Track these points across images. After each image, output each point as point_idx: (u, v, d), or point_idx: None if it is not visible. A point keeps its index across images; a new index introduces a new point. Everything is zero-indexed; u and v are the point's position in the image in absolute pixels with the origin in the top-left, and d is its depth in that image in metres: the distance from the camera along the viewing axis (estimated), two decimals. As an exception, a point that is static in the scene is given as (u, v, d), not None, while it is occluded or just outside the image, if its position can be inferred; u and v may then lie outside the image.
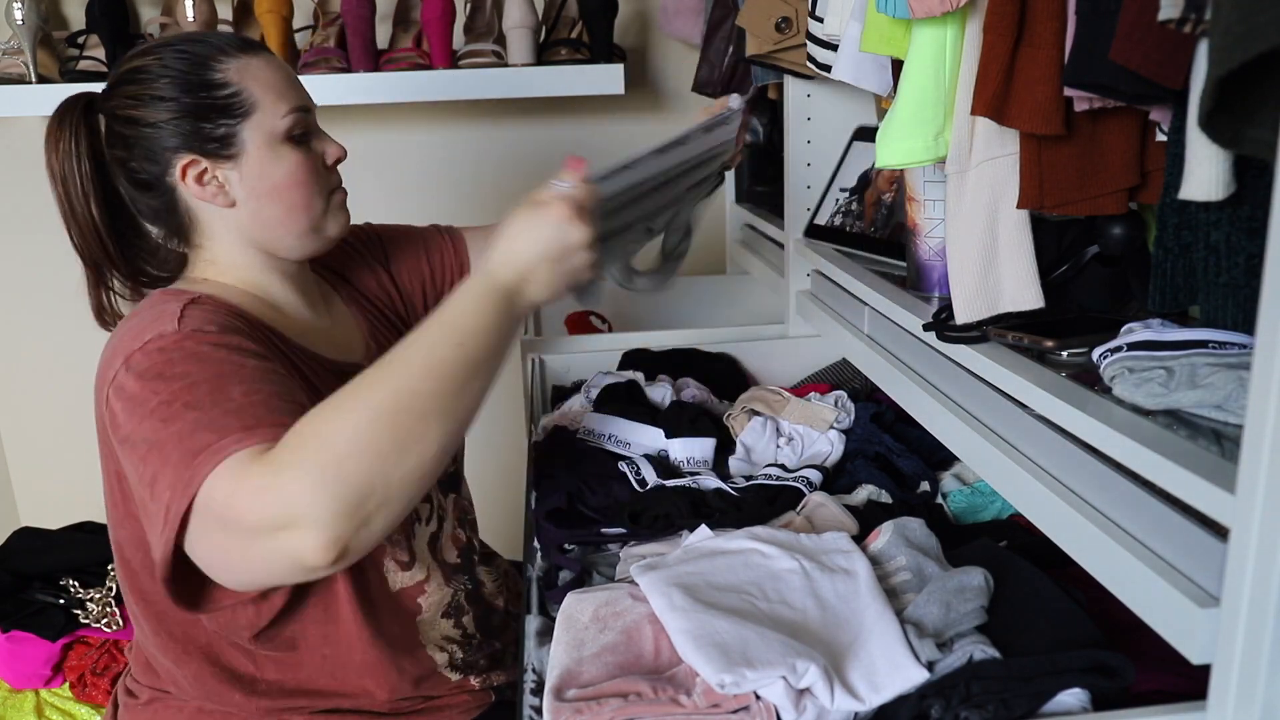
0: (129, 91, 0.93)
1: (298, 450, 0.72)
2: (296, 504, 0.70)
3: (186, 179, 0.93)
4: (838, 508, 0.99)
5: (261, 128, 0.94)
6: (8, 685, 1.51)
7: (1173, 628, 0.60)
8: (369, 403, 0.74)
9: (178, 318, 0.86)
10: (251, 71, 0.94)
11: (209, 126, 0.92)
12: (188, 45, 0.93)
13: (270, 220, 0.96)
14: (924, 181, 0.99)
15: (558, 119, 2.08)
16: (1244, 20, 0.49)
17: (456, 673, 1.06)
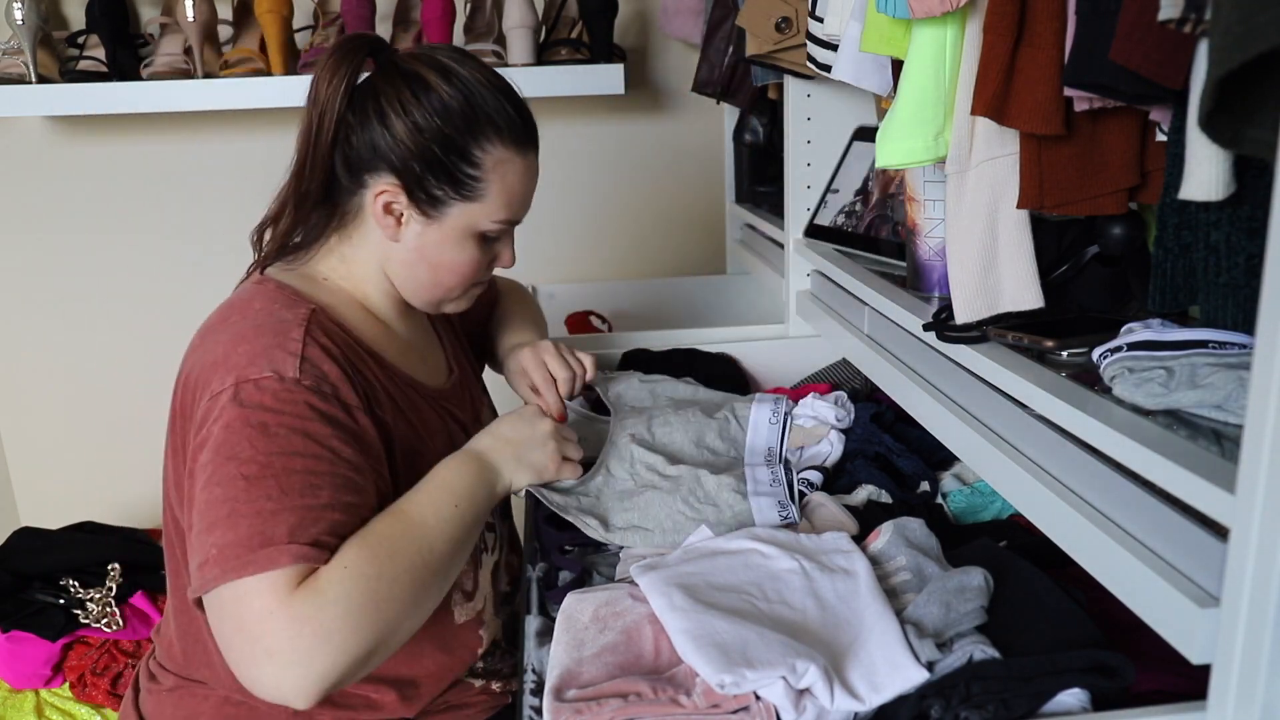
0: (403, 93, 0.91)
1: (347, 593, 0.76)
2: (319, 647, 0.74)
3: (379, 197, 0.93)
4: (838, 508, 0.99)
5: (471, 216, 0.95)
6: (8, 685, 1.51)
7: (1173, 628, 0.60)
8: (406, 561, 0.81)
9: (298, 357, 0.85)
10: (506, 170, 0.94)
11: (432, 182, 0.92)
12: (479, 102, 0.92)
13: (412, 277, 0.98)
14: (924, 181, 0.99)
15: (558, 119, 2.08)
16: (1244, 20, 0.49)
17: (479, 679, 1.07)
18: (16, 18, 1.71)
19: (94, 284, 2.10)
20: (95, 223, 2.05)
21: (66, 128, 2.01)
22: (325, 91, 0.91)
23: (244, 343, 0.85)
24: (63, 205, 2.05)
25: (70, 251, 2.08)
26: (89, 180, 2.03)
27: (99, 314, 2.11)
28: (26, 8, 1.70)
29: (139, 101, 1.78)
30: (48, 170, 2.03)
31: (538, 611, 0.92)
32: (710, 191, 2.14)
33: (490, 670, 1.08)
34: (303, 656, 0.73)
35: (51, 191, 2.04)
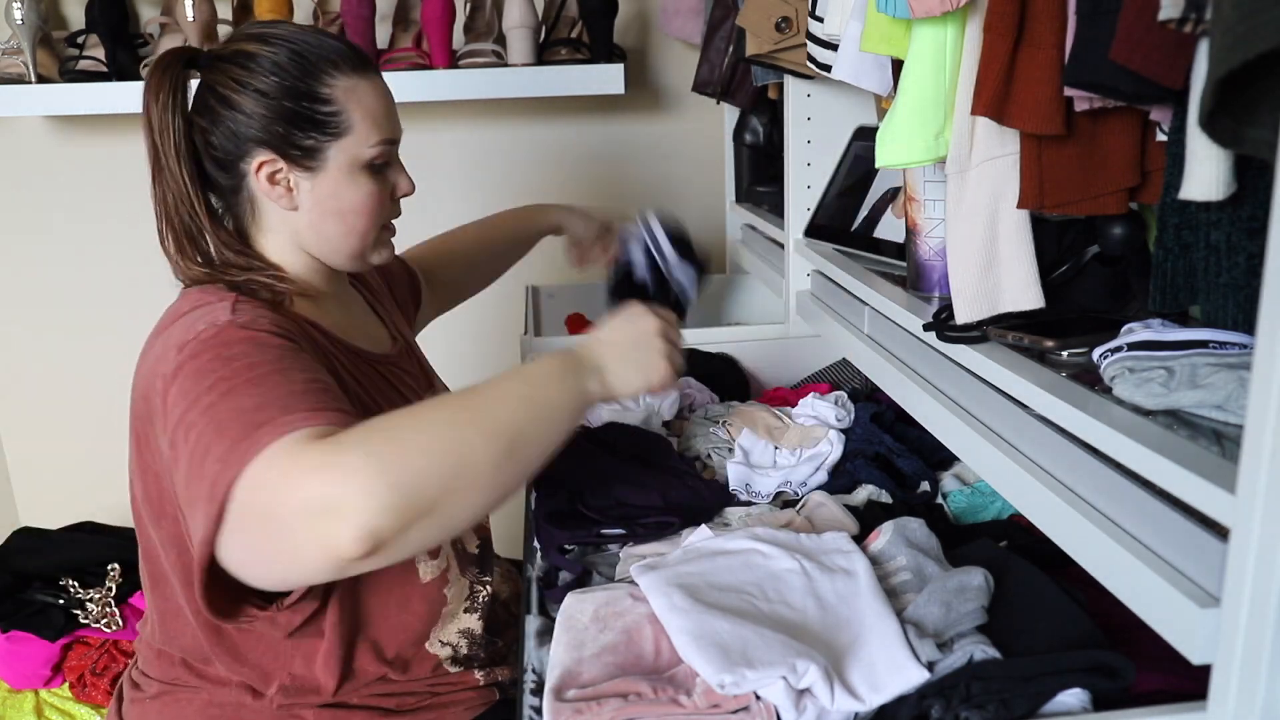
0: (233, 73, 0.93)
1: (365, 438, 0.72)
2: (349, 486, 0.69)
3: (260, 174, 0.95)
4: (838, 508, 0.99)
5: (348, 151, 0.95)
6: (7, 685, 1.51)
7: (1173, 628, 0.60)
8: (438, 413, 0.77)
9: (230, 310, 0.88)
10: (359, 94, 0.95)
11: (299, 135, 0.93)
12: (305, 48, 0.94)
13: (325, 235, 0.98)
14: (924, 181, 0.99)
15: (558, 119, 2.08)
16: (1244, 20, 0.49)
17: (457, 666, 1.07)
18: (16, 18, 1.71)
19: (94, 284, 2.09)
20: (95, 223, 2.05)
21: (66, 128, 2.01)
22: (157, 113, 0.94)
23: (177, 332, 0.87)
24: (62, 205, 2.05)
25: (70, 251, 2.08)
26: (89, 180, 2.03)
27: (99, 314, 2.11)
28: (26, 8, 1.70)
29: (139, 101, 1.76)
30: (47, 170, 2.03)
31: (538, 611, 0.92)
32: (710, 191, 2.14)
33: (469, 657, 1.08)
34: (333, 501, 0.69)
35: (51, 191, 2.04)
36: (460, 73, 1.79)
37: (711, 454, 1.21)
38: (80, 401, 2.13)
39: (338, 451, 0.71)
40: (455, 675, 1.07)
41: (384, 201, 1.00)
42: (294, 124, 0.93)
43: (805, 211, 1.40)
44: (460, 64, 1.81)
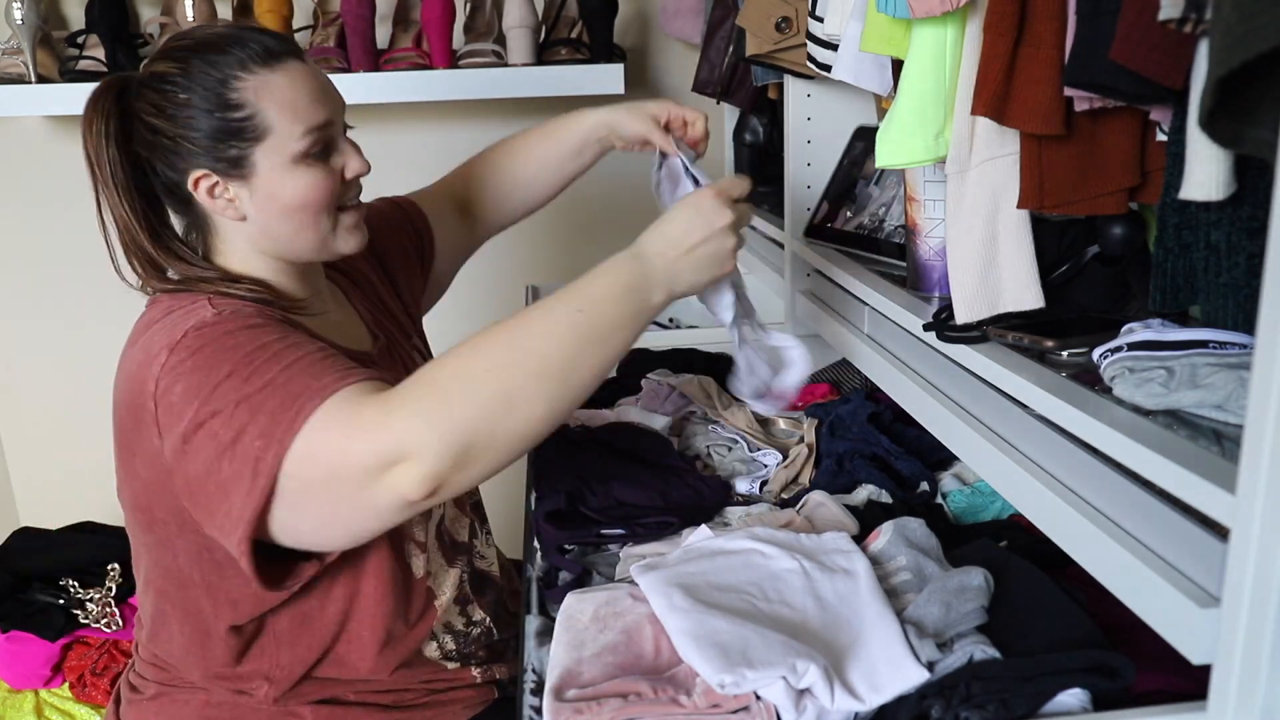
0: (151, 98, 0.93)
1: (410, 390, 0.77)
2: (409, 438, 0.75)
3: (199, 190, 0.93)
4: (838, 508, 0.99)
5: (275, 151, 0.92)
6: (8, 685, 1.51)
7: (1173, 628, 0.60)
8: (483, 355, 0.79)
9: (209, 306, 0.88)
10: (271, 90, 0.91)
11: (222, 147, 0.92)
12: (212, 55, 0.91)
13: (278, 236, 0.96)
14: (924, 181, 0.99)
15: (558, 119, 2.08)
16: (1244, 20, 0.49)
17: (452, 662, 1.07)
18: (16, 17, 1.71)
19: (93, 284, 2.09)
20: (95, 223, 2.05)
21: (66, 128, 2.01)
22: (92, 146, 0.94)
23: (157, 335, 0.87)
24: (62, 205, 2.05)
25: (70, 251, 2.08)
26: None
27: (99, 314, 2.11)
28: (26, 8, 1.70)
29: (139, 101, 1.77)
30: (47, 170, 2.03)
31: (538, 611, 0.92)
32: (710, 191, 2.14)
33: (464, 653, 1.07)
34: (410, 445, 0.75)
35: (51, 191, 2.04)
36: (460, 73, 1.79)
37: (711, 453, 1.21)
38: (80, 402, 2.13)
39: (390, 408, 0.76)
40: (452, 672, 1.07)
41: (330, 188, 0.95)
42: (214, 137, 0.91)
43: (805, 211, 1.40)
44: (460, 64, 1.81)
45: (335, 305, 1.09)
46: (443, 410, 0.76)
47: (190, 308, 0.89)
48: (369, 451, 0.76)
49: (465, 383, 0.77)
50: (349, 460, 0.77)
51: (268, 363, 0.81)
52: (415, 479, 0.75)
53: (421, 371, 0.79)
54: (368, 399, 0.77)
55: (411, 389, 0.78)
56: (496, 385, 0.78)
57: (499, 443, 0.78)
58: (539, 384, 0.79)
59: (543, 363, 0.79)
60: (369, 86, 1.75)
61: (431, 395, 0.77)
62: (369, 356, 1.05)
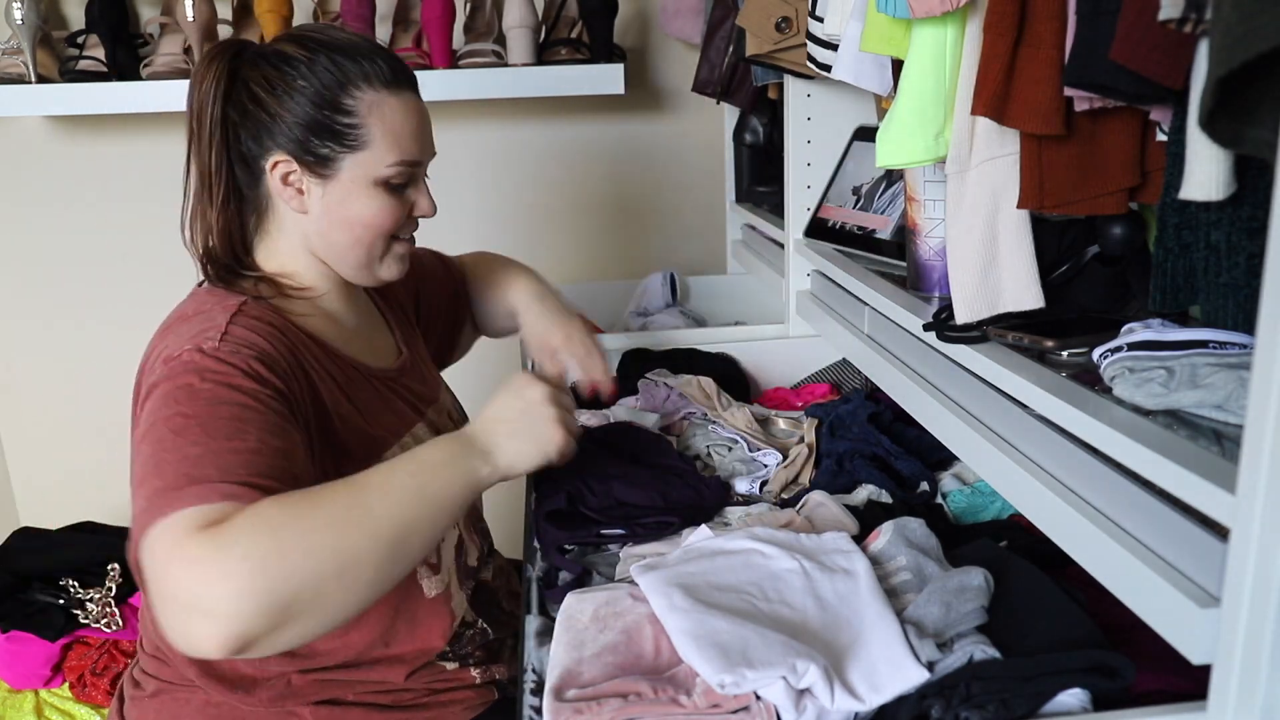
0: (267, 73, 0.94)
1: (250, 533, 0.71)
2: (221, 588, 0.68)
3: (274, 172, 0.95)
4: (838, 508, 0.99)
5: (363, 166, 0.95)
6: (8, 685, 1.51)
7: (1173, 628, 0.60)
8: (328, 514, 0.74)
9: (221, 332, 0.87)
10: (383, 111, 0.95)
11: (315, 142, 0.94)
12: (340, 57, 0.94)
13: (332, 242, 0.99)
14: (924, 181, 0.99)
15: (558, 119, 2.08)
16: (1244, 20, 0.49)
17: (449, 662, 1.07)
18: (16, 17, 1.71)
19: (94, 284, 2.09)
20: (95, 223, 2.05)
21: (66, 128, 2.01)
22: (199, 97, 0.94)
23: (174, 335, 0.89)
24: (62, 205, 2.05)
25: (70, 251, 2.08)
26: (89, 180, 2.03)
27: (99, 314, 2.11)
28: (26, 8, 1.70)
29: (139, 101, 1.78)
30: (47, 170, 2.03)
31: (538, 611, 0.92)
32: (710, 191, 2.14)
33: (462, 654, 1.08)
34: (201, 602, 0.68)
35: (51, 191, 2.04)
36: (460, 73, 1.79)
37: (711, 453, 1.21)
38: (81, 402, 2.13)
39: (218, 548, 0.69)
40: (451, 672, 1.07)
41: (396, 219, 0.99)
42: (312, 130, 0.93)
43: (805, 211, 1.40)
44: (460, 64, 1.81)
45: (366, 316, 1.11)
46: (273, 566, 0.69)
47: (211, 315, 0.90)
48: (173, 585, 0.70)
49: (304, 534, 0.72)
50: (158, 582, 0.71)
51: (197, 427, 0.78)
52: (215, 635, 0.68)
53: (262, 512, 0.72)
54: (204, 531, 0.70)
55: (246, 532, 0.70)
56: (333, 541, 0.73)
57: (323, 604, 0.73)
58: (374, 549, 0.75)
59: (381, 526, 0.76)
60: (369, 86, 1.75)
61: (264, 543, 0.70)
62: (389, 373, 1.06)
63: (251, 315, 0.92)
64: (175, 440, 0.78)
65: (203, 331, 0.87)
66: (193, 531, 0.70)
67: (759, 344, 1.47)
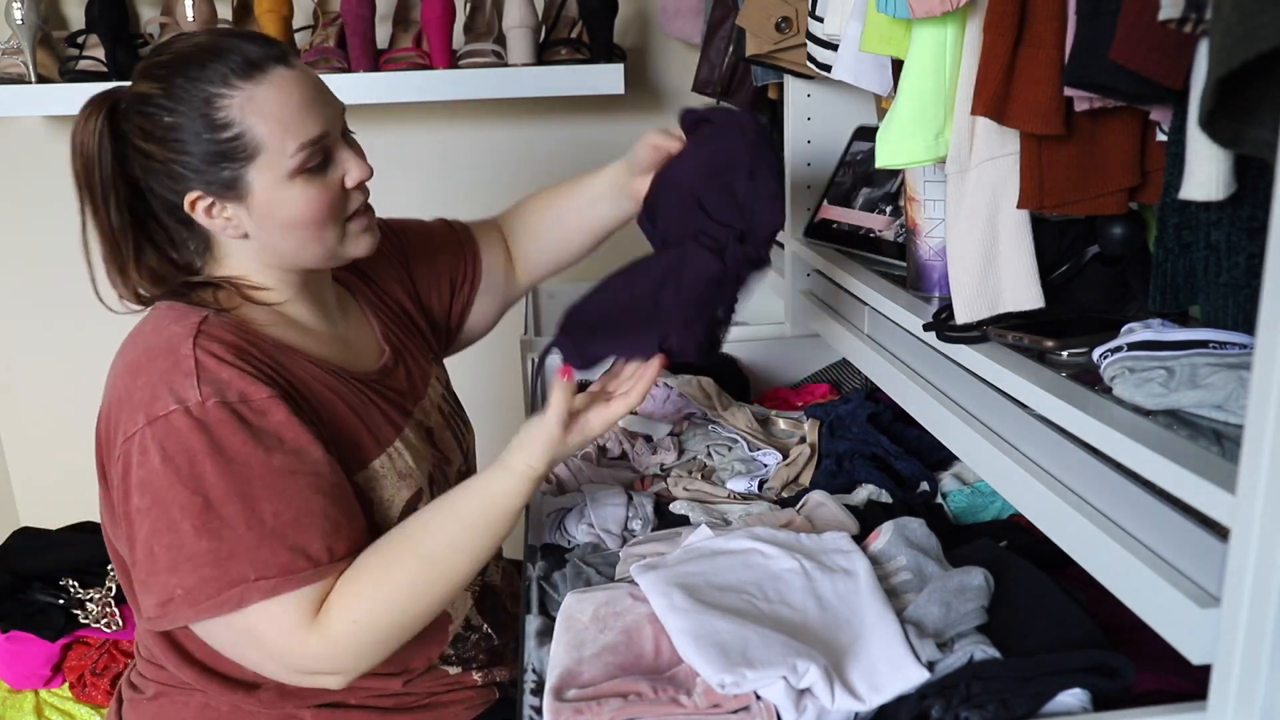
0: (138, 122, 0.90)
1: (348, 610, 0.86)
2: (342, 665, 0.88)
3: (196, 211, 0.91)
4: (838, 508, 0.99)
5: (268, 169, 0.89)
6: (7, 685, 1.51)
7: (1173, 628, 0.60)
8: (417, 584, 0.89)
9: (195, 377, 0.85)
10: (257, 105, 0.88)
11: (214, 169, 0.89)
12: (193, 71, 0.88)
13: (283, 250, 0.95)
14: (924, 181, 0.99)
15: (558, 119, 2.08)
16: (1244, 20, 0.49)
17: (452, 666, 1.06)
18: (16, 17, 1.71)
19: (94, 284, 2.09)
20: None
21: (66, 128, 2.01)
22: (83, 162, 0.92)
23: (141, 374, 0.87)
24: (62, 205, 2.04)
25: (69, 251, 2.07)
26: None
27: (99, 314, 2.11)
28: (26, 7, 1.70)
29: (139, 101, 1.77)
30: (47, 170, 2.03)
31: (538, 611, 0.92)
32: (710, 191, 2.14)
33: (464, 657, 1.07)
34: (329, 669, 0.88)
35: (51, 191, 2.04)
36: (460, 73, 1.79)
37: (712, 452, 1.21)
38: (80, 402, 2.12)
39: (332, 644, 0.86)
40: (454, 676, 1.07)
41: (329, 201, 0.93)
42: (205, 160, 0.88)
43: (805, 211, 1.40)
44: (460, 64, 1.81)
45: (342, 314, 1.07)
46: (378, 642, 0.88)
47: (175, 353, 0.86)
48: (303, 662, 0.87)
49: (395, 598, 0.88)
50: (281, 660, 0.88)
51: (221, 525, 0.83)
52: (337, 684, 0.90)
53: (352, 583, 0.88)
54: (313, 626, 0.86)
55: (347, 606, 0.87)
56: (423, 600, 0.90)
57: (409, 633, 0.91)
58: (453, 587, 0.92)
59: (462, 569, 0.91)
60: (369, 86, 1.75)
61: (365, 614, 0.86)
62: (372, 376, 1.03)
63: (214, 335, 0.88)
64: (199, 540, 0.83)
65: (173, 373, 0.85)
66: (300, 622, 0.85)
67: (759, 344, 1.47)
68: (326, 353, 0.99)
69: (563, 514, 1.08)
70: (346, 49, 1.76)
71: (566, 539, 1.07)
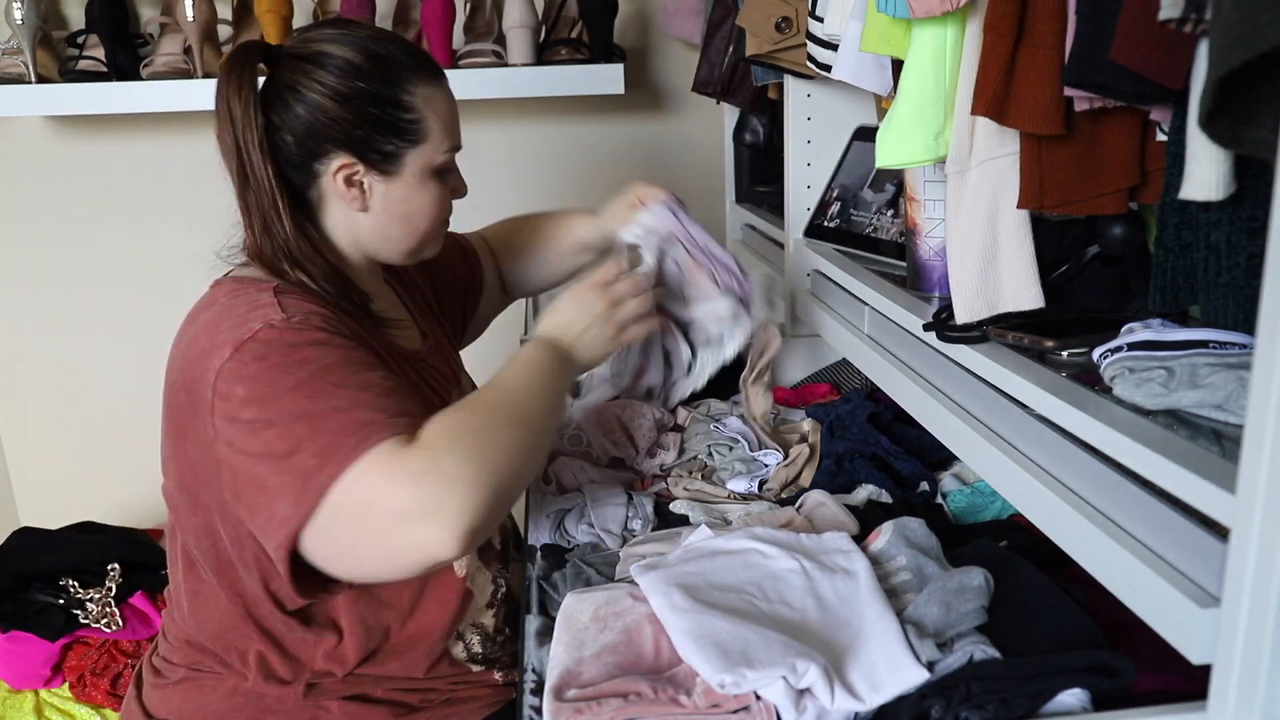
0: (315, 74, 0.93)
1: (456, 441, 0.80)
2: (450, 491, 0.77)
3: (337, 176, 0.95)
4: (838, 508, 0.99)
5: (423, 157, 0.98)
6: (7, 685, 1.51)
7: (1173, 628, 0.60)
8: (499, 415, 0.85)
9: (278, 306, 0.88)
10: (435, 103, 0.99)
11: (379, 140, 0.95)
12: (385, 52, 0.95)
13: (388, 236, 1.01)
14: (924, 181, 0.99)
15: (558, 119, 2.08)
16: (1244, 20, 0.49)
17: (478, 665, 1.07)
18: (16, 18, 1.71)
19: (93, 284, 2.09)
20: (95, 223, 2.05)
21: (66, 128, 2.01)
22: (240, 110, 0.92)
23: (222, 322, 0.88)
24: (62, 205, 2.05)
25: (70, 252, 2.08)
26: (88, 180, 2.03)
27: (99, 314, 2.11)
28: (26, 8, 1.70)
29: (139, 101, 1.78)
30: (47, 170, 2.03)
31: (538, 611, 0.92)
32: (710, 191, 2.14)
33: (489, 657, 1.08)
34: (435, 507, 0.76)
35: (51, 191, 2.04)
36: (460, 73, 1.79)
37: (712, 452, 1.21)
38: (80, 401, 2.13)
39: (433, 459, 0.78)
40: (477, 674, 1.07)
41: (448, 206, 1.04)
42: (376, 129, 0.95)
43: (805, 211, 1.40)
44: (460, 64, 1.81)
45: (391, 305, 1.12)
46: (490, 462, 0.80)
47: (254, 296, 0.89)
48: (404, 499, 0.77)
49: (490, 433, 0.82)
50: (386, 503, 0.77)
51: (332, 386, 0.82)
52: (449, 536, 0.76)
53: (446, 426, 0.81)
54: (414, 447, 0.79)
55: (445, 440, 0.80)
56: (512, 434, 0.84)
57: (519, 483, 0.85)
58: (539, 439, 0.88)
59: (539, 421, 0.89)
60: (369, 86, 1.75)
61: (468, 447, 0.80)
62: (420, 354, 1.07)
63: (292, 295, 0.91)
64: (314, 404, 0.81)
65: (254, 313, 0.87)
66: (401, 455, 0.78)
67: (759, 344, 1.46)
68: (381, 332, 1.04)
69: (563, 514, 1.08)
70: (346, 49, 1.76)
71: (566, 539, 1.07)
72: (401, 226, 1.01)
